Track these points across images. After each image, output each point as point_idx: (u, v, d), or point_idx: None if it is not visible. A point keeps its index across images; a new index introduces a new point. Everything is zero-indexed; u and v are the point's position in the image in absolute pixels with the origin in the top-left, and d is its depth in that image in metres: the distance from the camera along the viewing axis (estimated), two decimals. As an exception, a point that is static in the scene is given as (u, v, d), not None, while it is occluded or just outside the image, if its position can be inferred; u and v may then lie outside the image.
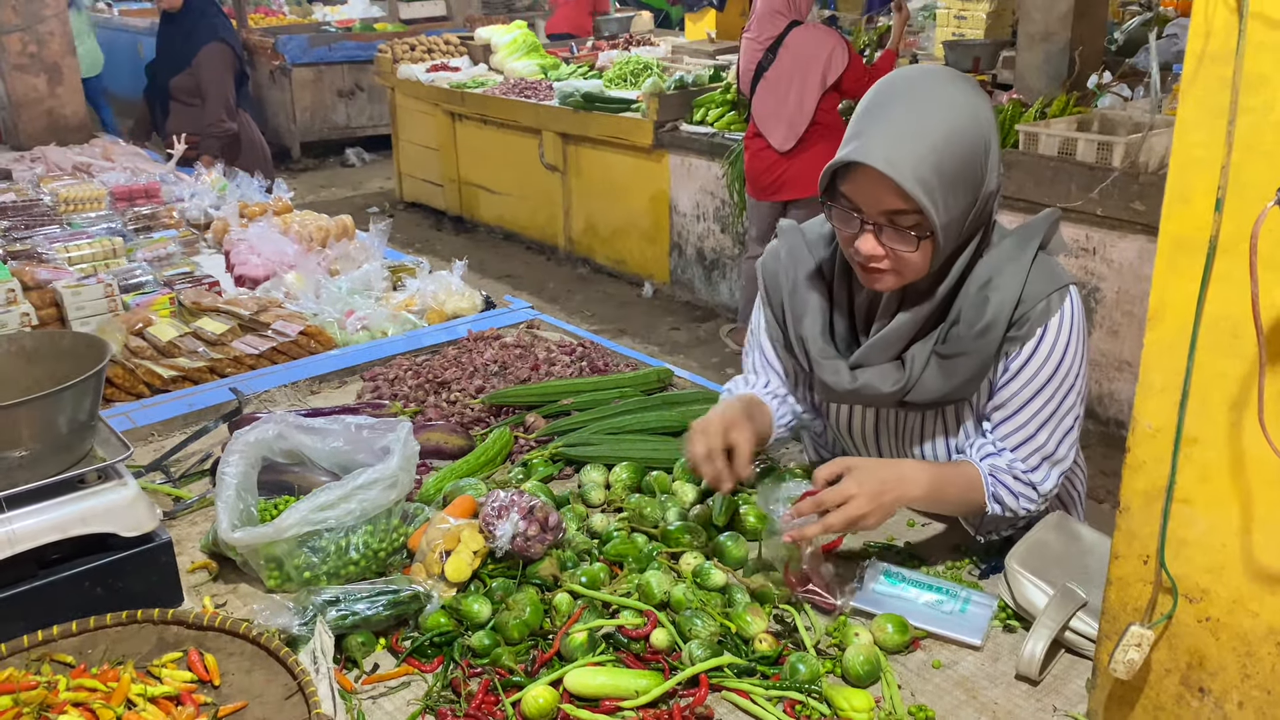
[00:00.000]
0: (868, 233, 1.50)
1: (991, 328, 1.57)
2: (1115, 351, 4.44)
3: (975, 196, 1.50)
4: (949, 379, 1.62)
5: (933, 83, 1.50)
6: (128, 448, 1.61)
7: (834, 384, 1.69)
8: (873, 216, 1.50)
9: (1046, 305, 1.57)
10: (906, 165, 1.42)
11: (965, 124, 1.46)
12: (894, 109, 1.46)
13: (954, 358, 1.60)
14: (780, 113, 4.98)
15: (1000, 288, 1.57)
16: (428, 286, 3.06)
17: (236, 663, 1.49)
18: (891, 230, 1.49)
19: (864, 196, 1.49)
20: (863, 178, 1.47)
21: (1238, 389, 1.13)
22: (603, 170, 6.92)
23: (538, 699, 1.40)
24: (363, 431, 1.86)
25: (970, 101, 1.49)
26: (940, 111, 1.45)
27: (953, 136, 1.45)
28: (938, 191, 1.44)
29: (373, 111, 10.78)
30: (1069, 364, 1.60)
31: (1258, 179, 1.07)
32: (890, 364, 1.65)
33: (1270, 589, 1.16)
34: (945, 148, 1.44)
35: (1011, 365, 1.62)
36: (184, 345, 2.67)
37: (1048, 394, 1.61)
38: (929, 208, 1.44)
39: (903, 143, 1.43)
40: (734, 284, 6.24)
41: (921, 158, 1.42)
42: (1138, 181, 4.12)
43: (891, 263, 1.52)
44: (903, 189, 1.42)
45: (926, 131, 1.44)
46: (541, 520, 1.72)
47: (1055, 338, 1.58)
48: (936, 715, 1.42)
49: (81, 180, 4.39)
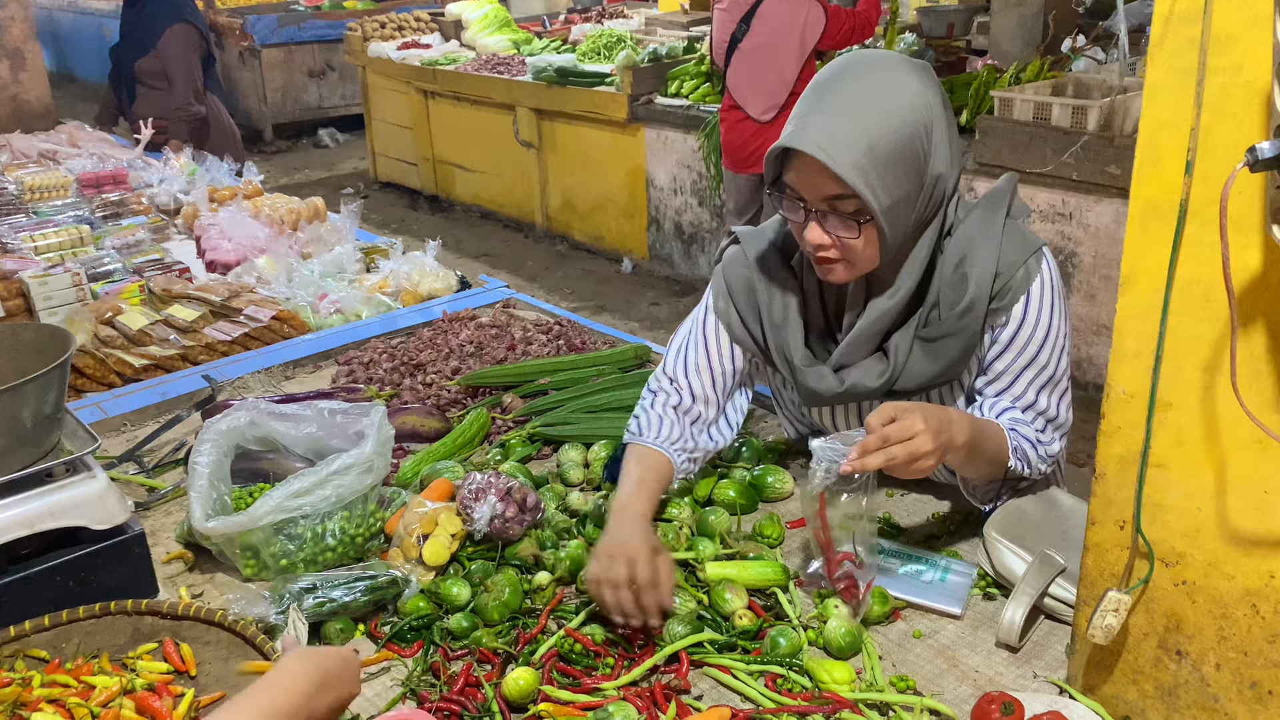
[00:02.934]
0: (813, 221, 1.49)
1: (974, 305, 1.55)
2: (1093, 316, 4.46)
3: (920, 180, 1.48)
4: (936, 361, 1.60)
5: (872, 67, 1.48)
6: (95, 439, 1.59)
7: (821, 389, 1.65)
8: (815, 204, 1.48)
9: (1025, 272, 1.56)
10: (838, 149, 1.41)
11: (900, 106, 1.44)
12: (831, 95, 1.45)
13: (939, 340, 1.58)
14: (758, 84, 4.94)
15: (976, 262, 1.55)
16: (401, 268, 3.03)
17: (213, 652, 1.48)
18: (834, 217, 1.48)
19: (805, 183, 1.48)
20: (802, 165, 1.46)
21: (1211, 352, 1.13)
22: (578, 145, 6.87)
23: (519, 681, 1.39)
24: (336, 416, 1.84)
25: (909, 84, 1.46)
26: (876, 95, 1.44)
27: (887, 118, 1.43)
28: (873, 175, 1.42)
29: (345, 91, 10.66)
30: (1055, 325, 1.59)
31: (1227, 140, 1.06)
32: (872, 358, 1.63)
33: (1245, 551, 1.17)
34: (879, 130, 1.42)
35: (1000, 336, 1.60)
36: (155, 333, 2.64)
37: (1042, 359, 1.60)
38: (865, 192, 1.42)
39: (836, 127, 1.42)
40: (713, 258, 6.21)
41: (853, 141, 1.41)
42: (1113, 145, 4.12)
43: (840, 252, 1.51)
44: (838, 174, 1.41)
45: (860, 115, 1.42)
46: (519, 501, 1.71)
47: (1039, 302, 1.57)
48: (918, 684, 1.42)
49: (47, 168, 4.31)
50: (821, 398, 1.67)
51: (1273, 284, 1.06)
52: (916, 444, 1.41)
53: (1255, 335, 1.09)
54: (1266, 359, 1.09)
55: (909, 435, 1.41)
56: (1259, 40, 1.01)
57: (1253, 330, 1.09)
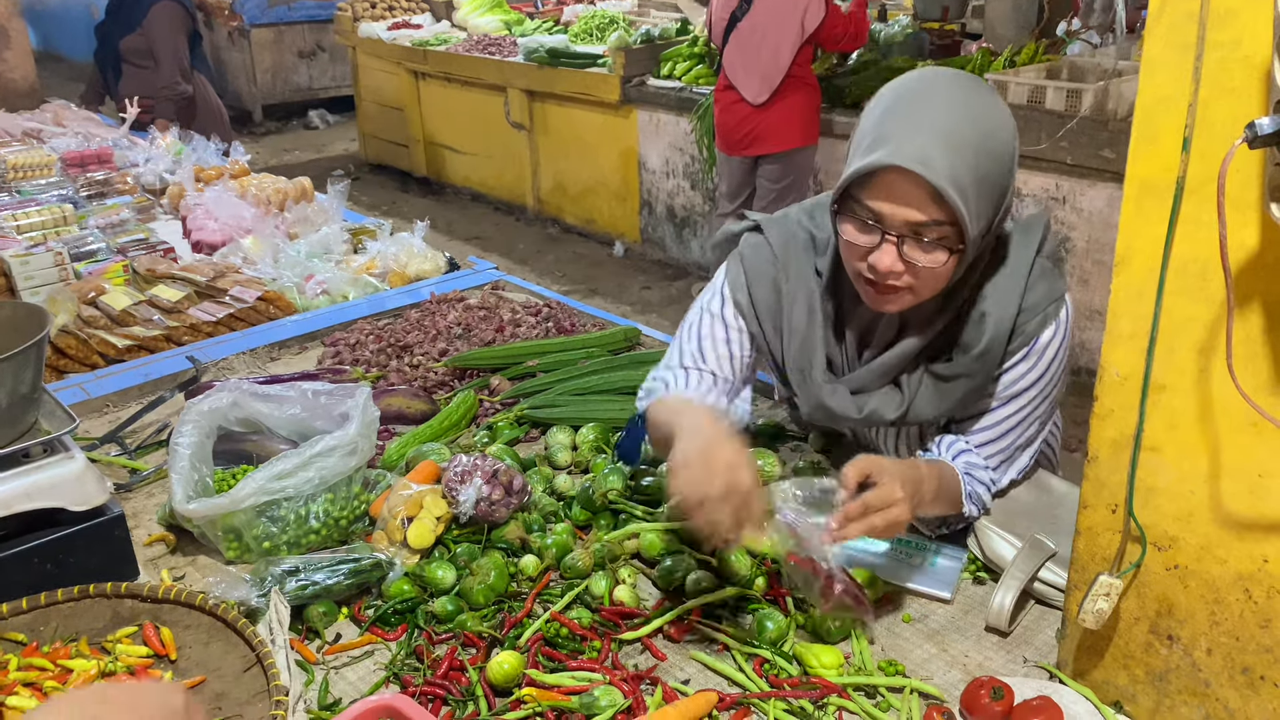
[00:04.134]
0: (889, 246, 1.36)
1: (990, 349, 1.48)
2: (1086, 301, 4.45)
3: (1000, 207, 1.39)
4: (944, 400, 1.53)
5: (958, 86, 1.37)
6: (74, 419, 1.56)
7: (838, 411, 1.57)
8: (897, 228, 1.35)
9: (1042, 319, 1.48)
10: (944, 169, 1.29)
11: (999, 129, 1.36)
12: (923, 112, 1.33)
13: (951, 380, 1.51)
14: (754, 65, 4.90)
15: (998, 304, 1.47)
16: (389, 249, 3.00)
17: (194, 635, 1.46)
18: (915, 243, 1.35)
19: (890, 205, 1.34)
20: (890, 185, 1.33)
21: (1206, 334, 1.11)
22: (570, 128, 6.82)
23: (503, 665, 1.37)
24: (320, 398, 1.82)
25: (999, 107, 1.37)
26: (974, 115, 1.34)
27: (989, 141, 1.34)
28: (973, 200, 1.32)
29: (335, 72, 10.58)
30: (1050, 375, 1.53)
31: (1225, 117, 1.04)
32: (889, 388, 1.56)
33: (1238, 536, 1.15)
34: (983, 152, 1.32)
35: (999, 374, 1.55)
36: (139, 314, 2.60)
37: (1023, 401, 1.55)
38: (964, 215, 1.31)
39: (939, 146, 1.30)
40: (705, 241, 6.19)
41: (959, 162, 1.30)
42: (1107, 129, 4.10)
43: (909, 280, 1.38)
44: (941, 195, 1.30)
45: (964, 135, 1.32)
46: (506, 484, 1.69)
47: (1043, 351, 1.50)
48: (907, 669, 1.41)
49: (31, 146, 4.26)
50: (835, 418, 1.59)
51: (1270, 264, 1.05)
52: (895, 513, 1.35)
53: (1252, 316, 1.07)
54: (1263, 340, 1.07)
55: (888, 503, 1.35)
56: (1259, 14, 0.99)
57: (1249, 311, 1.07)
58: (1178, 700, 1.27)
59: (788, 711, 1.33)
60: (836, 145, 5.24)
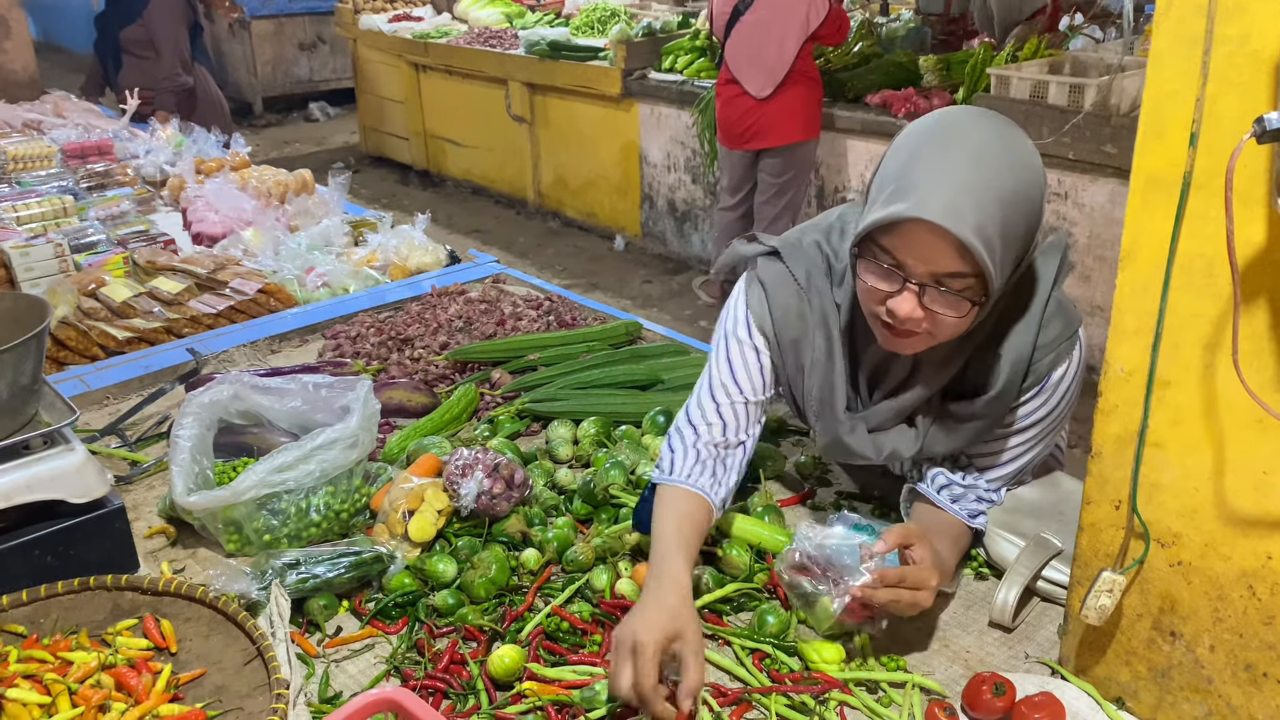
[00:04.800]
0: (909, 294, 1.31)
1: (1004, 393, 1.45)
2: (1087, 297, 4.44)
3: (1023, 255, 1.35)
4: (956, 439, 1.51)
5: (985, 131, 1.31)
6: (74, 411, 1.56)
7: (856, 450, 1.55)
8: (919, 276, 1.30)
9: (1054, 358, 1.45)
10: (970, 223, 1.24)
11: (1028, 179, 1.30)
12: (950, 161, 1.28)
13: (966, 422, 1.49)
14: (758, 59, 4.88)
15: (1013, 346, 1.43)
16: (390, 241, 2.99)
17: (194, 628, 1.46)
18: (937, 292, 1.30)
19: (913, 254, 1.29)
20: (915, 234, 1.28)
21: (1211, 330, 1.11)
22: (571, 121, 6.81)
23: (504, 658, 1.37)
24: (321, 390, 1.81)
25: (1028, 151, 1.31)
26: (1002, 165, 1.28)
27: (1019, 193, 1.28)
28: (999, 253, 1.27)
29: (336, 64, 10.55)
30: (1062, 408, 1.51)
31: (1233, 112, 1.03)
32: (904, 426, 1.54)
33: (1243, 532, 1.15)
34: (1012, 206, 1.27)
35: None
36: (139, 305, 2.60)
37: (1033, 433, 1.54)
38: (990, 270, 1.26)
39: (966, 199, 1.25)
40: (706, 235, 6.18)
41: (988, 217, 1.25)
42: (1109, 124, 4.09)
43: (927, 326, 1.34)
44: (967, 248, 1.25)
45: (992, 187, 1.26)
46: (507, 478, 1.69)
47: (1055, 386, 1.48)
48: (908, 664, 1.41)
49: (31, 138, 4.25)
50: (852, 456, 1.57)
51: (1277, 260, 1.04)
52: (921, 598, 1.35)
53: (1258, 312, 1.07)
54: (1269, 336, 1.07)
55: (921, 587, 1.35)
56: (1268, 8, 0.98)
57: (1255, 307, 1.07)
58: (1180, 697, 1.27)
59: (789, 706, 1.32)
60: (837, 139, 5.23)
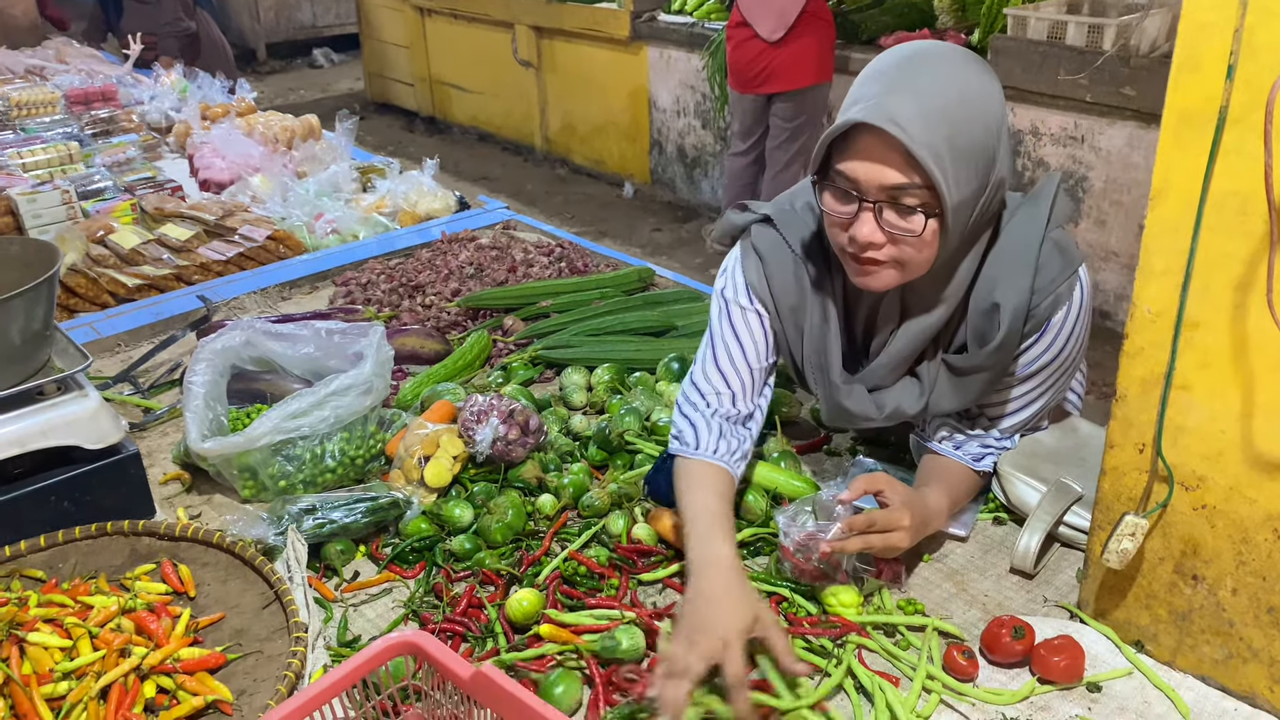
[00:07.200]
0: (866, 213, 1.33)
1: (1005, 342, 1.43)
2: (1102, 242, 4.39)
3: (986, 181, 1.34)
4: (963, 393, 1.50)
5: (946, 57, 1.33)
6: (87, 357, 1.55)
7: (856, 412, 1.54)
8: (873, 194, 1.32)
9: (1054, 301, 1.43)
10: (916, 129, 1.26)
11: (980, 98, 1.31)
12: (903, 75, 1.31)
13: (969, 374, 1.48)
14: (770, 1, 4.79)
15: (1010, 292, 1.41)
16: (399, 187, 2.96)
17: (211, 573, 1.46)
18: (893, 210, 1.32)
19: (865, 170, 1.31)
20: (865, 148, 1.31)
21: (1243, 270, 1.08)
22: (578, 65, 6.71)
23: (522, 602, 1.37)
24: (334, 337, 1.80)
25: (985, 78, 1.33)
26: (954, 81, 1.30)
27: (967, 108, 1.30)
28: (948, 163, 1.28)
29: (340, 9, 10.41)
30: (1070, 350, 1.49)
31: (1273, 42, 1.00)
32: (907, 380, 1.53)
33: (1269, 475, 1.13)
34: (959, 117, 1.29)
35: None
36: (148, 253, 2.58)
37: (1040, 379, 1.52)
38: (939, 179, 1.27)
39: (913, 106, 1.27)
40: (716, 182, 6.12)
41: (933, 123, 1.27)
42: (1128, 66, 4.00)
43: (891, 252, 1.35)
44: (912, 155, 1.27)
45: (939, 98, 1.28)
46: (522, 424, 1.68)
47: (1059, 328, 1.46)
48: (926, 608, 1.41)
49: (34, 84, 4.20)
50: (855, 420, 1.57)
51: (1314, 197, 1.01)
52: (895, 539, 1.38)
53: (1292, 251, 1.04)
54: (1303, 276, 1.04)
55: (893, 528, 1.38)
56: (1314, -67, 0.95)
57: (1290, 246, 1.04)
58: (1200, 640, 1.26)
59: (807, 649, 1.33)
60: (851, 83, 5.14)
